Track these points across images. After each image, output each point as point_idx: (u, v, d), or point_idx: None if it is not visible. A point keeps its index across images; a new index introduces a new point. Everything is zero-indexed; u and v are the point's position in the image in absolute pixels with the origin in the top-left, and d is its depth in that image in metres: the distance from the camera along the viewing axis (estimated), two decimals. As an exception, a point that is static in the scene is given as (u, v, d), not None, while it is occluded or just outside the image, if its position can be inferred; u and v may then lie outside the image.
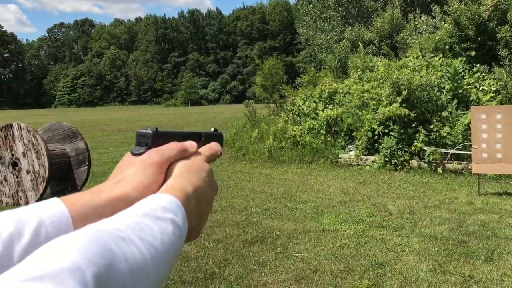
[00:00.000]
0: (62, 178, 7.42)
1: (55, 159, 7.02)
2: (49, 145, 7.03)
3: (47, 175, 6.61)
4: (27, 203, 6.75)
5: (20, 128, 6.72)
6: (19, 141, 6.71)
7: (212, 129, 0.80)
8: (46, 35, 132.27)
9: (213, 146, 0.73)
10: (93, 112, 56.48)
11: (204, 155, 0.70)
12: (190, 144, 0.68)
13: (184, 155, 0.66)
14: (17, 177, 6.80)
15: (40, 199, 6.74)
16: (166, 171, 0.63)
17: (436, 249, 4.66)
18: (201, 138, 0.74)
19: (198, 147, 0.70)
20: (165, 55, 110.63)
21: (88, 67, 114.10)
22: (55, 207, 0.53)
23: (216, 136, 0.78)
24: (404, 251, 4.63)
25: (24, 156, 6.71)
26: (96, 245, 0.42)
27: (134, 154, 0.64)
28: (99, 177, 9.23)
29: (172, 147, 0.65)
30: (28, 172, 6.70)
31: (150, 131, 0.65)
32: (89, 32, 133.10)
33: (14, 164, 6.83)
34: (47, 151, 6.63)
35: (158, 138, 0.66)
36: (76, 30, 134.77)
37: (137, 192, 0.59)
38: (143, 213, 0.51)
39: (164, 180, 0.63)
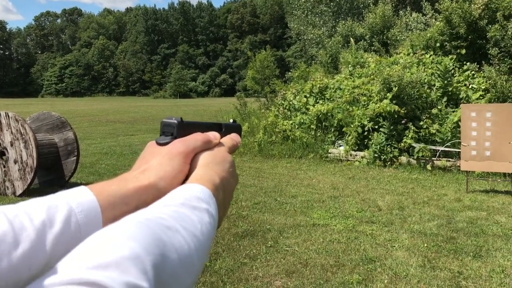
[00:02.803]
0: (50, 168, 7.33)
1: (43, 149, 6.93)
2: (38, 135, 6.93)
3: (35, 165, 6.52)
4: (14, 193, 6.67)
5: (8, 117, 6.61)
6: (6, 130, 6.61)
7: (231, 120, 0.81)
8: (33, 23, 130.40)
9: (234, 137, 0.74)
10: (80, 103, 55.95)
11: (227, 146, 0.70)
12: (214, 135, 0.68)
13: (208, 146, 0.66)
14: (4, 166, 6.70)
15: (27, 189, 6.65)
16: (191, 161, 0.63)
17: (425, 245, 4.70)
18: (221, 129, 0.75)
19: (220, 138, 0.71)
20: (155, 46, 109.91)
21: (76, 56, 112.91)
22: (84, 196, 0.53)
23: (235, 127, 0.79)
24: (394, 246, 4.66)
25: (11, 145, 6.61)
26: (149, 234, 0.42)
27: (159, 144, 0.64)
28: (87, 168, 9.15)
29: (197, 138, 0.65)
30: (15, 162, 6.60)
31: (175, 121, 0.65)
32: (77, 21, 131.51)
33: (2, 153, 6.73)
34: (36, 141, 6.54)
35: (183, 128, 0.66)
36: (64, 19, 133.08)
37: (164, 182, 0.59)
38: (180, 202, 0.51)
39: (189, 171, 0.62)
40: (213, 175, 0.61)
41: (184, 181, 0.61)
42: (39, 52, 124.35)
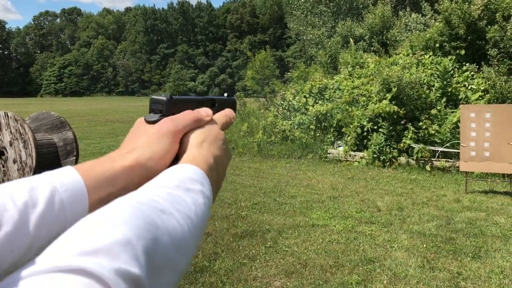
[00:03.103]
0: (49, 168, 7.22)
1: (42, 149, 6.92)
2: (37, 135, 6.93)
3: (34, 165, 6.52)
4: (13, 193, 6.66)
5: (7, 116, 6.60)
6: (5, 130, 6.60)
7: (226, 95, 0.78)
8: (32, 23, 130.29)
9: (228, 113, 0.72)
10: (80, 102, 55.90)
11: (220, 122, 0.68)
12: (206, 112, 0.66)
13: (199, 124, 0.64)
14: (3, 166, 6.69)
15: (26, 189, 6.64)
16: (181, 140, 0.62)
17: (424, 245, 4.70)
18: (215, 105, 0.72)
19: (213, 114, 0.68)
20: (154, 46, 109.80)
21: (75, 56, 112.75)
22: (69, 175, 0.52)
23: (229, 102, 0.76)
24: (393, 247, 4.66)
25: (11, 145, 6.61)
26: (141, 218, 0.41)
27: (148, 122, 0.62)
28: (87, 168, 9.14)
29: (187, 116, 0.63)
30: (14, 162, 6.60)
31: (164, 98, 0.63)
32: (76, 21, 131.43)
33: (1, 153, 6.72)
34: (35, 141, 6.53)
35: (173, 105, 0.64)
36: (63, 19, 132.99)
37: (152, 162, 0.58)
38: (175, 184, 0.51)
39: (179, 150, 0.61)
40: (206, 155, 0.60)
41: (174, 160, 0.60)
42: (38, 51, 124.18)
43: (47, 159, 7.16)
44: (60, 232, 0.48)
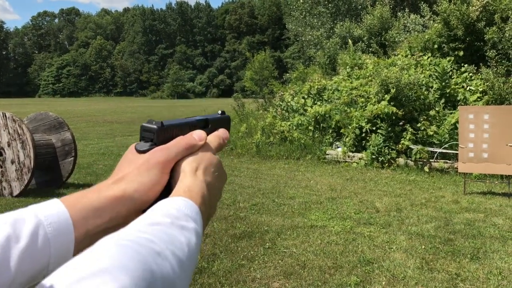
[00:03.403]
0: (48, 169, 7.31)
1: (40, 150, 6.91)
2: (35, 135, 6.91)
3: (32, 166, 6.51)
4: (11, 193, 6.65)
5: (6, 117, 6.59)
6: (4, 131, 6.59)
7: (219, 112, 0.75)
8: (31, 23, 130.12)
9: (221, 134, 0.69)
10: (78, 103, 55.85)
11: (213, 146, 0.66)
12: (199, 136, 0.63)
13: (192, 150, 0.62)
14: (1, 167, 6.68)
15: (24, 189, 6.63)
16: (173, 167, 0.60)
17: (423, 247, 4.70)
18: (208, 125, 0.70)
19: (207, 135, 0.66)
20: (152, 46, 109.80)
21: (73, 57, 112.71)
22: (54, 208, 0.50)
23: (223, 120, 0.73)
24: (392, 248, 4.66)
25: (9, 146, 6.59)
26: (139, 262, 0.39)
27: (139, 151, 0.60)
28: (84, 169, 9.13)
29: (179, 145, 0.61)
30: (12, 162, 6.58)
31: (155, 126, 0.60)
32: (74, 21, 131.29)
33: (-1, 153, 6.70)
34: (33, 141, 6.52)
35: (164, 131, 0.61)
36: (61, 19, 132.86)
37: (139, 194, 0.56)
38: (170, 222, 0.49)
39: (171, 178, 0.59)
40: (201, 186, 0.58)
41: (165, 189, 0.59)
42: (36, 52, 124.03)
43: (45, 159, 7.16)
44: (43, 267, 0.47)
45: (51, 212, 0.49)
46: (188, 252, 0.48)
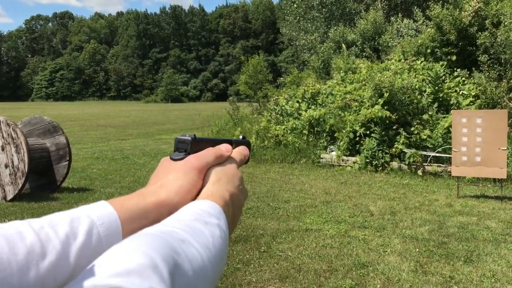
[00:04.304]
0: (42, 173, 7.28)
1: (35, 154, 6.88)
2: (29, 139, 6.89)
3: (26, 170, 6.48)
4: (4, 198, 6.61)
5: (-1, 121, 6.56)
6: (-2, 135, 6.55)
7: (241, 136, 0.84)
8: (24, 26, 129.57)
9: (242, 151, 0.77)
10: (71, 107, 55.63)
11: (237, 159, 0.73)
12: (226, 148, 0.71)
13: (221, 160, 0.69)
14: (-5, 171, 6.64)
15: (18, 194, 6.60)
16: (204, 176, 0.66)
17: (417, 250, 4.73)
18: (232, 145, 0.77)
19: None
20: (146, 50, 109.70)
21: (67, 60, 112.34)
22: (104, 209, 0.55)
23: (245, 143, 0.82)
24: (386, 251, 4.69)
25: (3, 150, 6.56)
26: (165, 246, 0.44)
27: (174, 160, 0.67)
28: (79, 173, 9.10)
29: (209, 153, 0.68)
30: (6, 166, 6.56)
31: (189, 138, 0.68)
32: (68, 25, 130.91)
33: (-8, 158, 6.67)
34: (27, 145, 6.50)
35: (196, 144, 0.69)
36: (55, 23, 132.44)
37: (179, 197, 0.62)
38: (193, 218, 0.54)
39: (202, 185, 0.65)
40: (223, 192, 0.64)
41: (196, 195, 0.64)
42: (30, 55, 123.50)
43: (40, 163, 7.13)
44: None
45: (102, 213, 0.53)
46: (213, 242, 0.52)
